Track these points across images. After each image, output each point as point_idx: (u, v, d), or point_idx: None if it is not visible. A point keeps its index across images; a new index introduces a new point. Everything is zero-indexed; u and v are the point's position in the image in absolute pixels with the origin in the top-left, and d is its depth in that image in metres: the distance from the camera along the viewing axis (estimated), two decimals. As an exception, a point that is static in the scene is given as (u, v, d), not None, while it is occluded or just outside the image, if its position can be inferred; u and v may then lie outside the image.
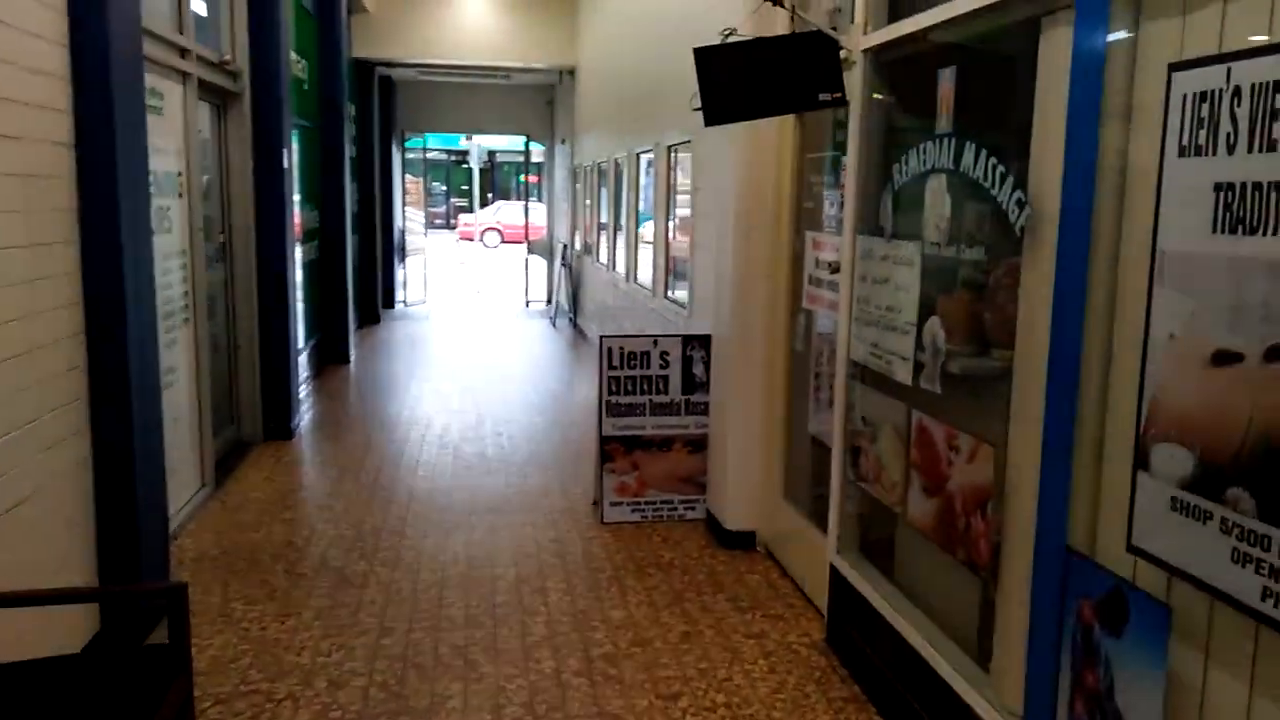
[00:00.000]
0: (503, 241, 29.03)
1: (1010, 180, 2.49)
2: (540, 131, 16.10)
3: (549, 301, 15.12)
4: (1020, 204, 2.44)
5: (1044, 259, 2.41)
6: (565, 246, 14.00)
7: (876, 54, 3.41)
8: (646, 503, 5.25)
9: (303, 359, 8.19)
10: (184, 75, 5.19)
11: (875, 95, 3.46)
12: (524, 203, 19.44)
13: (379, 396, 8.67)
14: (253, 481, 5.84)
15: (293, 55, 7.68)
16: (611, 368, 5.22)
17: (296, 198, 7.70)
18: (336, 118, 9.96)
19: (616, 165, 9.49)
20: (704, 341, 5.20)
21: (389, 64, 13.10)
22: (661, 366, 5.24)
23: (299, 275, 7.68)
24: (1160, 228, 1.93)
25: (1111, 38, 2.11)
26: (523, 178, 32.27)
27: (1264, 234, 1.68)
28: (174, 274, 5.05)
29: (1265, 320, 1.69)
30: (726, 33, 3.44)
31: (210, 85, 5.78)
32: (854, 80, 3.46)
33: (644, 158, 8.15)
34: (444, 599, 4.19)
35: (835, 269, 3.67)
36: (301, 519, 5.22)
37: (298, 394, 7.34)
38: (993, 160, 2.56)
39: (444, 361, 10.38)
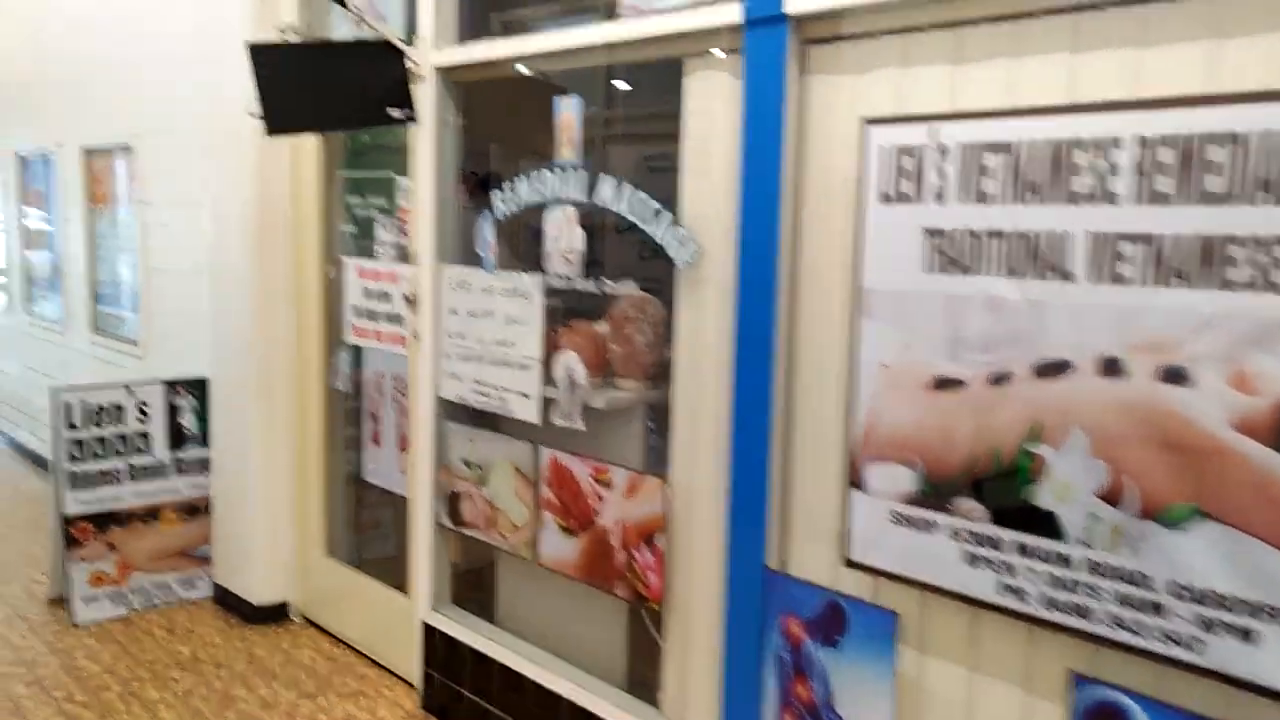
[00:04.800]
0: None
1: (666, 217, 2.50)
2: None
3: None
4: (683, 241, 2.47)
5: (707, 294, 2.48)
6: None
7: (449, 73, 3.19)
8: (133, 591, 4.26)
9: None
10: None
11: (452, 117, 3.24)
12: None
13: None
14: None
15: None
16: (70, 428, 4.13)
17: None
18: None
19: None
20: (194, 386, 4.38)
21: None
22: (141, 420, 4.29)
23: None
24: (864, 267, 2.11)
25: (785, 88, 2.23)
26: None
27: (977, 274, 1.93)
28: None
29: (984, 349, 1.94)
30: (284, 29, 2.92)
31: None
32: (425, 98, 3.19)
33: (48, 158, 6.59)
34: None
35: (412, 300, 3.35)
36: None
37: None
38: (641, 195, 2.56)
39: None
